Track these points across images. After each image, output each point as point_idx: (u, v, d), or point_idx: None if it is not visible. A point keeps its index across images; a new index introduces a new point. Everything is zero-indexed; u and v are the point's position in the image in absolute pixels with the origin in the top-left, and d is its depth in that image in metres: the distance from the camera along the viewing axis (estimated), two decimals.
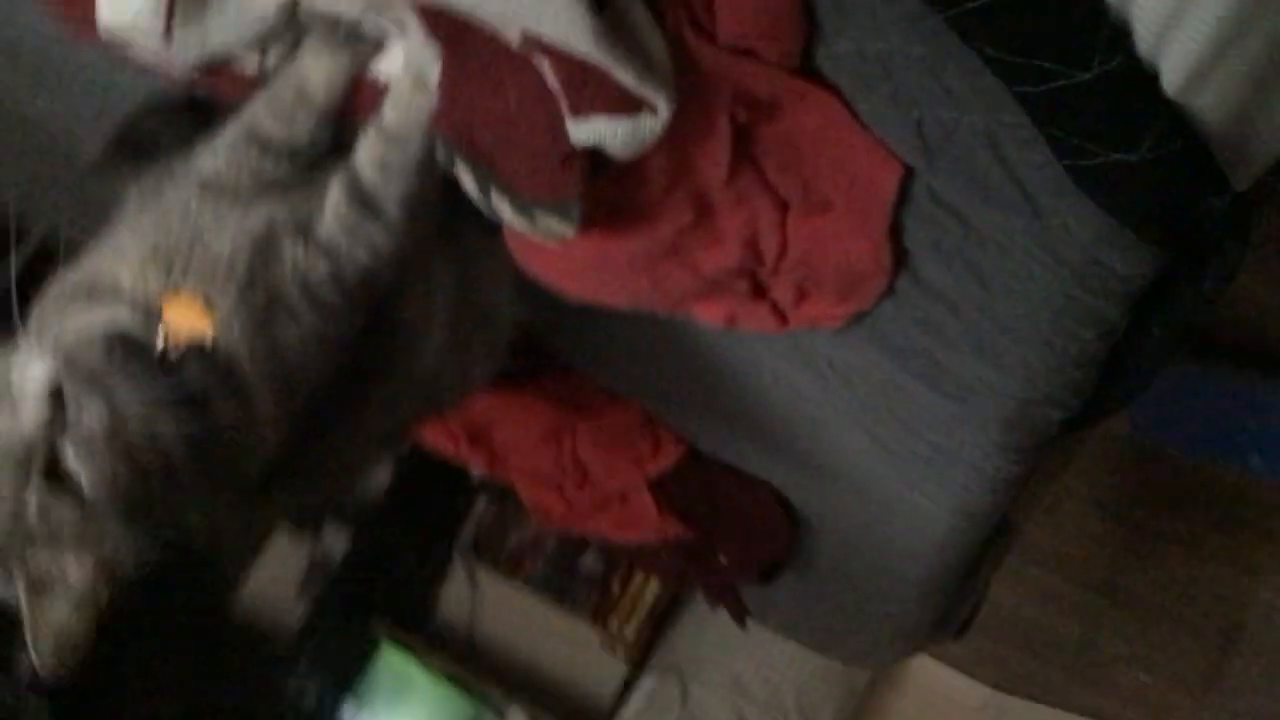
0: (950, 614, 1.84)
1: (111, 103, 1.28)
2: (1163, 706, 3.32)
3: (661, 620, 4.00)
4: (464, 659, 3.63)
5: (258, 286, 0.92)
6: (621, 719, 3.67)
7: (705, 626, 3.72)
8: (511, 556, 4.13)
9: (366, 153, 0.99)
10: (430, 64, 0.95)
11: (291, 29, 1.02)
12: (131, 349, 0.87)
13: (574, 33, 0.78)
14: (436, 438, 1.70)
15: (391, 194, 0.98)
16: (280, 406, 0.95)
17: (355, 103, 1.02)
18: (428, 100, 0.97)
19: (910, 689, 4.07)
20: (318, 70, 0.99)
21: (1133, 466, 2.92)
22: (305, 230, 0.96)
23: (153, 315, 0.89)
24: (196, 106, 1.15)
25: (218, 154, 1.00)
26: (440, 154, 0.97)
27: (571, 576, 4.12)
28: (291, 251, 0.95)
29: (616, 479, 1.67)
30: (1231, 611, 3.02)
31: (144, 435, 0.84)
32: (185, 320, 0.88)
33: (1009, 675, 3.84)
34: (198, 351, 0.88)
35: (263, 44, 1.02)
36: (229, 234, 0.93)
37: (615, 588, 4.15)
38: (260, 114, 1.00)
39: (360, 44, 0.98)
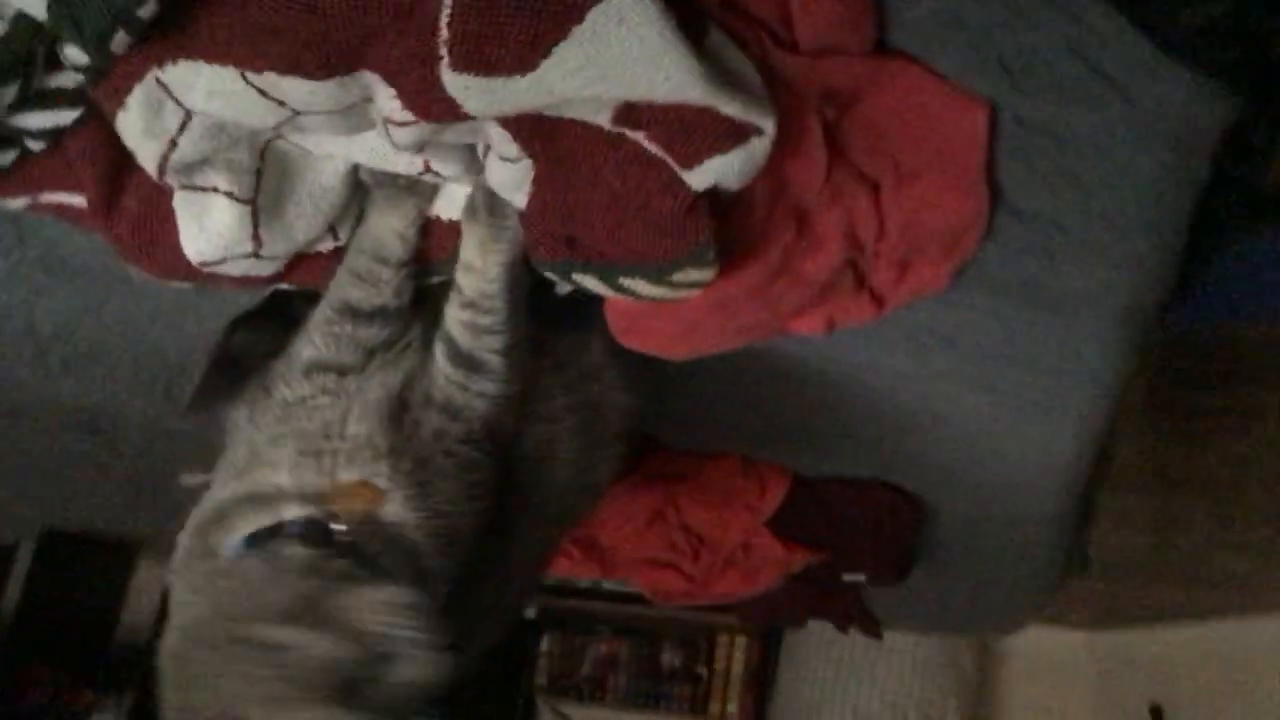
0: (1077, 548, 1.88)
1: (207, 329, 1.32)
2: (1262, 579, 3.35)
3: (760, 685, 3.98)
4: None
5: (404, 455, 0.99)
6: None
7: (803, 674, 3.71)
8: (591, 680, 4.09)
9: (454, 321, 1.05)
10: (504, 191, 0.99)
11: (356, 202, 1.06)
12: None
13: (687, 84, 0.82)
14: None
15: (488, 347, 1.05)
16: (444, 559, 1.01)
17: (425, 245, 1.07)
18: (499, 255, 1.02)
19: (1015, 656, 4.08)
20: (387, 227, 1.03)
21: (1155, 356, 2.94)
22: (427, 396, 1.04)
23: (319, 505, 0.95)
24: (277, 307, 1.17)
25: (314, 340, 1.05)
26: (555, 274, 1.02)
27: (657, 678, 4.09)
28: (423, 415, 1.02)
29: (733, 532, 1.69)
30: None
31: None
32: (353, 503, 0.95)
33: (1100, 611, 3.87)
34: (369, 528, 0.94)
35: (333, 224, 1.05)
36: (355, 415, 1.00)
37: (702, 671, 4.12)
38: (345, 287, 1.05)
39: (419, 191, 1.02)
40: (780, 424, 1.53)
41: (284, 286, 1.11)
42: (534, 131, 0.90)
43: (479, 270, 1.02)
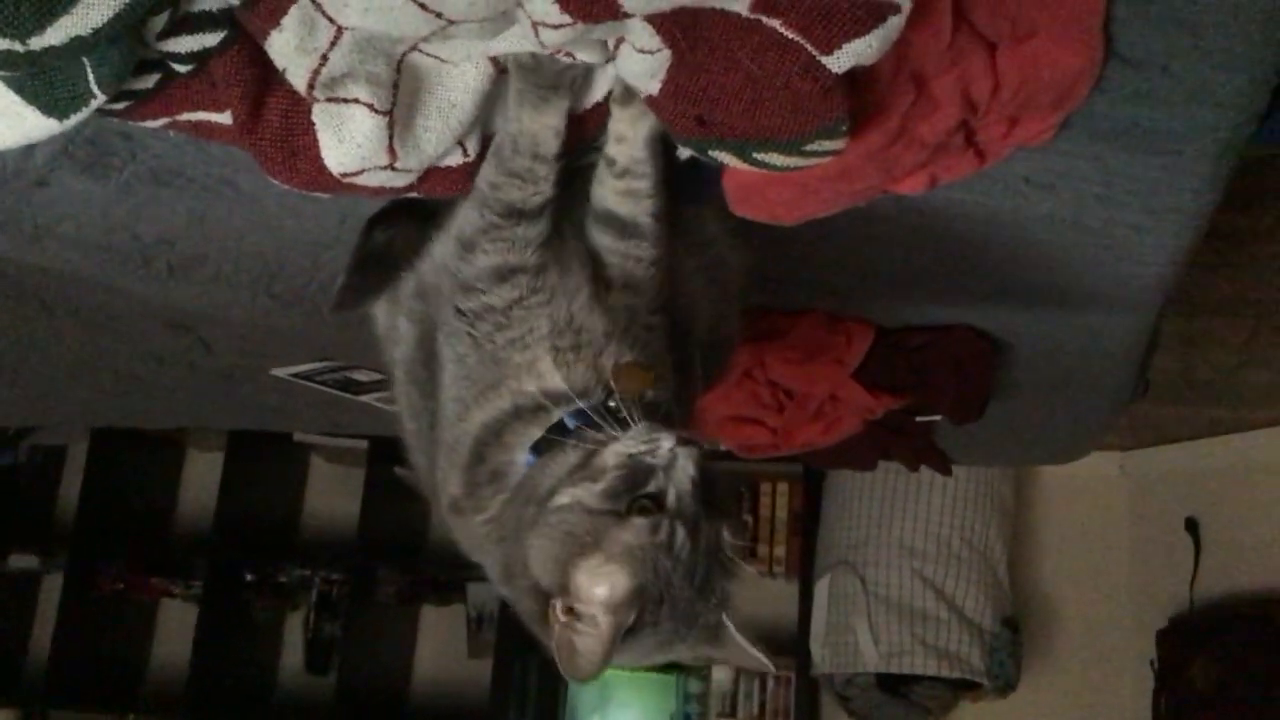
0: (1141, 374, 1.95)
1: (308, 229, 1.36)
2: None
3: (805, 527, 4.11)
4: None
5: (626, 336, 1.08)
6: (815, 625, 3.76)
7: (846, 514, 3.83)
8: None
9: (610, 192, 1.11)
10: (636, 81, 1.02)
11: (483, 118, 1.08)
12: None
13: None
14: None
15: (644, 211, 1.11)
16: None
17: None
18: (647, 125, 1.07)
19: (1050, 479, 4.21)
20: (543, 125, 1.05)
21: None
22: (606, 279, 1.11)
23: (588, 396, 1.03)
24: (409, 205, 1.21)
25: (485, 249, 1.09)
26: (690, 152, 1.05)
27: None
28: (614, 300, 1.10)
29: (821, 384, 1.75)
30: None
31: None
32: (633, 383, 1.03)
33: (1131, 432, 3.97)
34: (640, 401, 1.02)
35: (462, 139, 1.08)
36: (579, 308, 1.07)
37: (748, 518, 4.25)
38: (505, 190, 1.08)
39: (569, 87, 1.04)
40: (867, 278, 1.58)
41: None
42: (675, 22, 0.93)
43: (630, 139, 1.07)
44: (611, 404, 1.02)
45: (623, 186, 1.10)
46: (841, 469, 3.57)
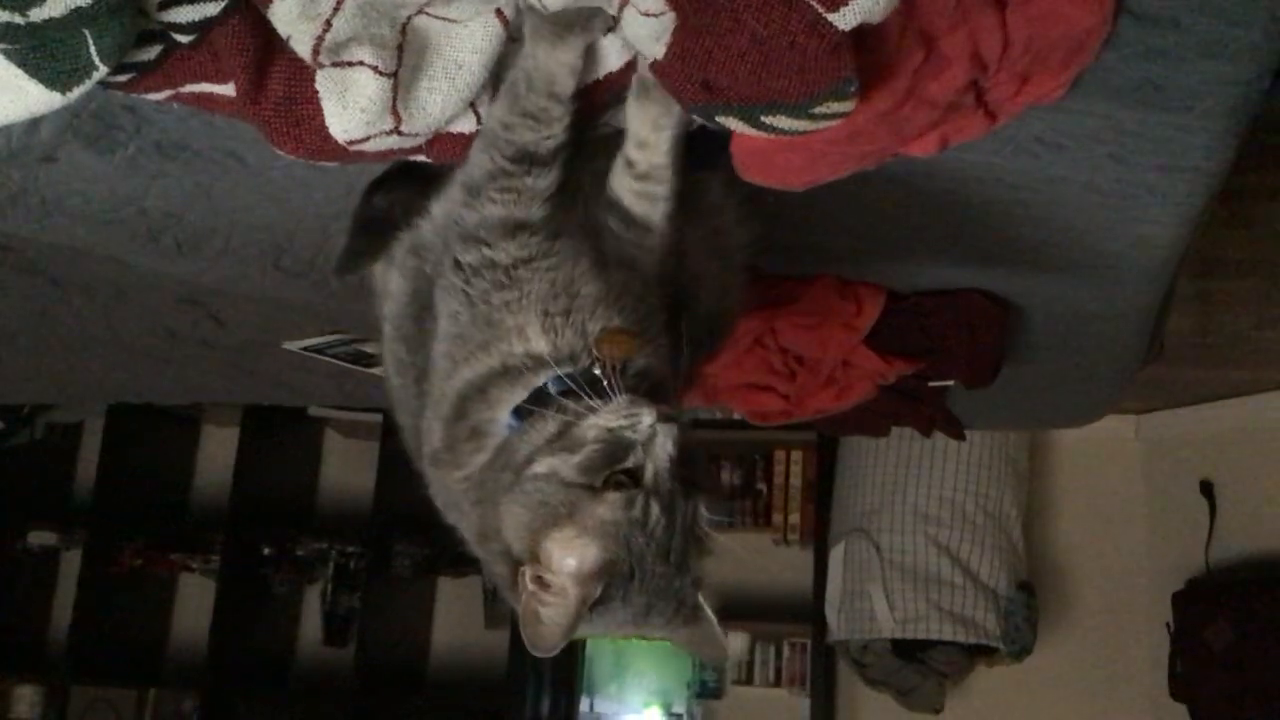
0: (1156, 335, 1.93)
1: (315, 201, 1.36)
2: None
3: (819, 494, 4.12)
4: None
5: (625, 302, 1.07)
6: (830, 592, 3.77)
7: (860, 480, 3.83)
8: None
9: (626, 190, 1.11)
10: (641, 44, 1.01)
11: (493, 76, 1.07)
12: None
13: None
14: None
15: (658, 212, 1.12)
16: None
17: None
18: (670, 132, 1.07)
19: (1065, 443, 4.20)
20: (558, 62, 1.02)
21: None
22: (611, 256, 1.10)
23: (574, 363, 1.03)
24: (409, 168, 1.21)
25: (493, 197, 1.07)
26: (698, 121, 1.04)
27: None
28: (614, 275, 1.08)
29: (832, 350, 1.75)
30: None
31: None
32: (616, 349, 1.02)
33: (1146, 394, 3.95)
34: (624, 370, 1.02)
35: (473, 102, 1.07)
36: (580, 274, 1.06)
37: (762, 487, 4.26)
38: (517, 131, 1.05)
39: (584, 25, 1.02)
40: (879, 243, 1.57)
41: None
42: None
43: (652, 146, 1.07)
44: (596, 372, 1.01)
45: (640, 189, 1.10)
46: (854, 435, 3.57)
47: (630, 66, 1.08)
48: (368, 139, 1.04)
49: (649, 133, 1.07)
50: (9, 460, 4.34)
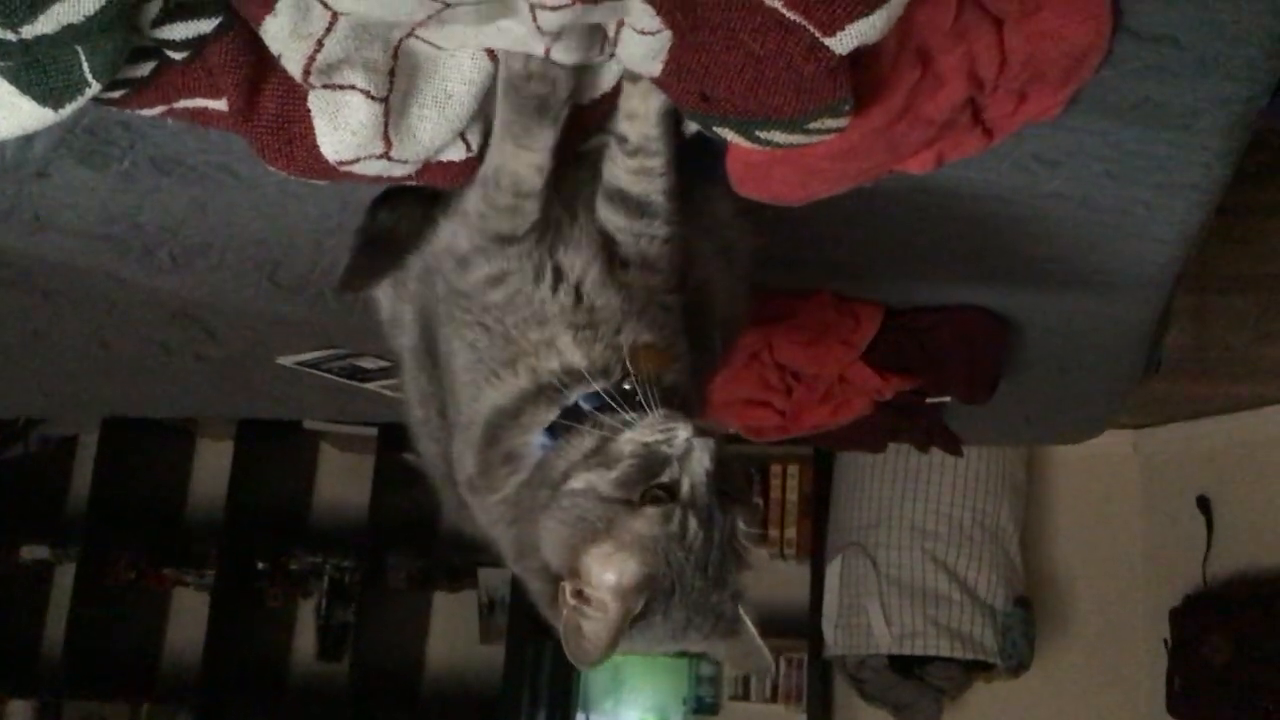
0: (1154, 351, 1.93)
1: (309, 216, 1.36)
2: None
3: (816, 509, 4.11)
4: None
5: (645, 313, 1.07)
6: (827, 607, 3.76)
7: (857, 496, 3.82)
8: None
9: (621, 171, 1.09)
10: (638, 64, 1.01)
11: (484, 112, 1.07)
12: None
13: None
14: None
15: (656, 189, 1.10)
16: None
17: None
18: (659, 101, 1.05)
19: (1062, 458, 4.19)
20: (525, 163, 1.04)
21: None
22: (621, 258, 1.10)
23: (611, 375, 1.03)
24: (414, 190, 1.20)
25: (483, 263, 1.08)
26: (694, 128, 1.04)
27: None
28: (628, 278, 1.09)
29: (829, 365, 1.74)
30: None
31: None
32: (650, 364, 1.03)
33: (1146, 408, 3.95)
34: (658, 384, 1.01)
35: (463, 132, 1.07)
36: (588, 286, 1.06)
37: (758, 501, 4.24)
38: (492, 220, 1.07)
39: (554, 115, 1.02)
40: (876, 258, 1.57)
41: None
42: (675, 2, 0.91)
43: (642, 115, 1.06)
44: (627, 386, 1.01)
45: (635, 165, 1.08)
46: (851, 451, 3.56)
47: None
48: (357, 160, 1.03)
49: (638, 103, 1.06)
50: (2, 473, 4.33)
